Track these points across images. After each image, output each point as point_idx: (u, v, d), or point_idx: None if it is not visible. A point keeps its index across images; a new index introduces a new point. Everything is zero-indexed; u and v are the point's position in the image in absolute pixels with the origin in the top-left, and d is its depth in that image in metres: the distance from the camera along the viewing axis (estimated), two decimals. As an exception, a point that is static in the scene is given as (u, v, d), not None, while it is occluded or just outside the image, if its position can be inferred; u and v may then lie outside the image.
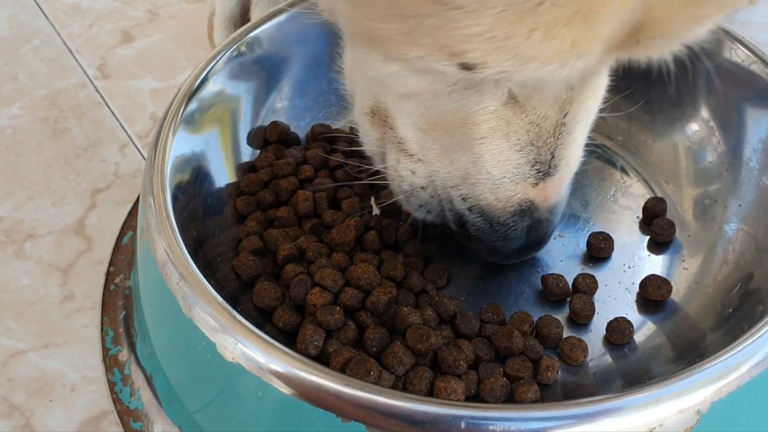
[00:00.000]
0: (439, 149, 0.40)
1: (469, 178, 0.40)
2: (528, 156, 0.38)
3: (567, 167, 0.40)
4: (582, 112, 0.38)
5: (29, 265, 0.55)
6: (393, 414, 0.36)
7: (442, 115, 0.38)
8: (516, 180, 0.39)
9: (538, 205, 0.40)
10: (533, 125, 0.38)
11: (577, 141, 0.40)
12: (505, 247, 0.42)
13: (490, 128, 0.38)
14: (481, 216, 0.41)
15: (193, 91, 0.50)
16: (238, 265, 0.46)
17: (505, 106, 0.37)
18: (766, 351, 0.38)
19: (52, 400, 0.48)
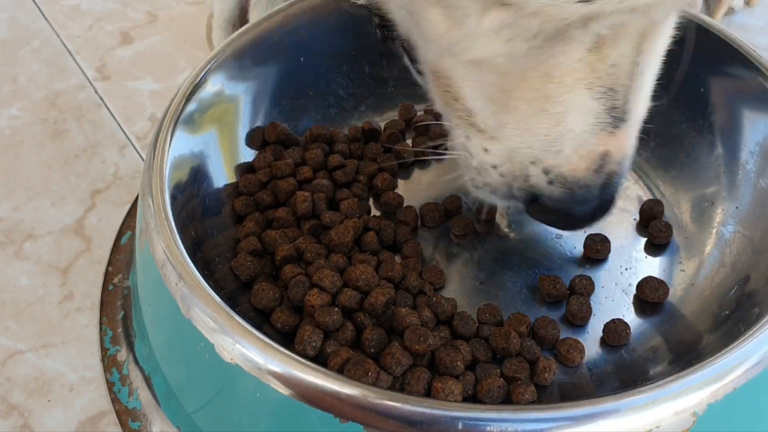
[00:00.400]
0: (517, 121, 0.38)
1: (551, 145, 0.38)
2: (606, 103, 0.37)
3: (637, 113, 0.39)
4: (654, 51, 0.38)
5: (28, 265, 0.55)
6: (391, 415, 0.36)
7: (521, 77, 0.37)
8: (595, 131, 0.38)
9: (613, 155, 0.39)
10: (613, 67, 0.37)
11: (646, 85, 0.38)
12: (581, 211, 0.41)
13: (576, 79, 0.37)
14: (563, 185, 0.39)
15: (192, 91, 0.50)
16: (236, 265, 0.46)
17: (590, 52, 0.36)
18: (761, 353, 0.39)
19: (50, 399, 0.48)
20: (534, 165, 0.39)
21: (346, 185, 0.53)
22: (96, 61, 0.70)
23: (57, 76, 0.69)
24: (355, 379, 0.39)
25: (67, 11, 0.75)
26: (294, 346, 0.42)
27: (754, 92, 0.51)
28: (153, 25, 0.74)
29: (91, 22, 0.74)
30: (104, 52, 0.71)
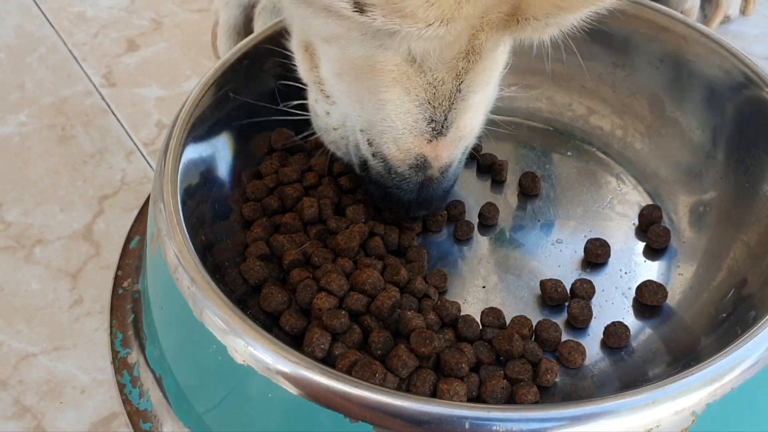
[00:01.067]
0: (350, 94, 0.44)
1: (375, 124, 0.44)
2: (425, 113, 0.42)
3: (458, 131, 0.43)
4: (477, 83, 0.42)
5: (39, 269, 0.56)
6: (399, 414, 0.37)
7: (354, 61, 0.42)
8: (414, 133, 0.43)
9: (431, 161, 0.44)
10: (430, 86, 0.42)
11: (472, 109, 0.43)
12: (398, 197, 0.46)
13: (393, 79, 0.42)
14: (383, 162, 0.45)
15: (201, 98, 0.51)
16: (245, 269, 0.47)
17: (406, 62, 0.41)
18: (758, 354, 0.40)
19: (62, 402, 0.49)
20: (362, 133, 0.45)
21: (351, 191, 0.54)
22: (102, 68, 0.71)
23: (63, 83, 0.70)
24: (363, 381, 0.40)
25: (73, 18, 0.76)
26: (303, 348, 0.43)
27: (749, 100, 0.52)
28: (158, 32, 0.75)
29: (96, 29, 0.75)
30: (110, 59, 0.72)
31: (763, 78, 0.51)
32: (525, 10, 0.38)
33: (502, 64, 0.45)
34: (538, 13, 0.38)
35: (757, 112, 0.52)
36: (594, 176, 0.57)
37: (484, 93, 0.44)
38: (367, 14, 0.36)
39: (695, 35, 0.55)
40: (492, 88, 0.45)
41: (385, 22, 0.36)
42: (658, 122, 0.57)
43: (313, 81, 0.47)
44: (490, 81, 0.44)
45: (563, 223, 0.54)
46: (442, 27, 0.36)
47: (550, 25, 0.39)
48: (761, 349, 0.40)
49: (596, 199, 0.56)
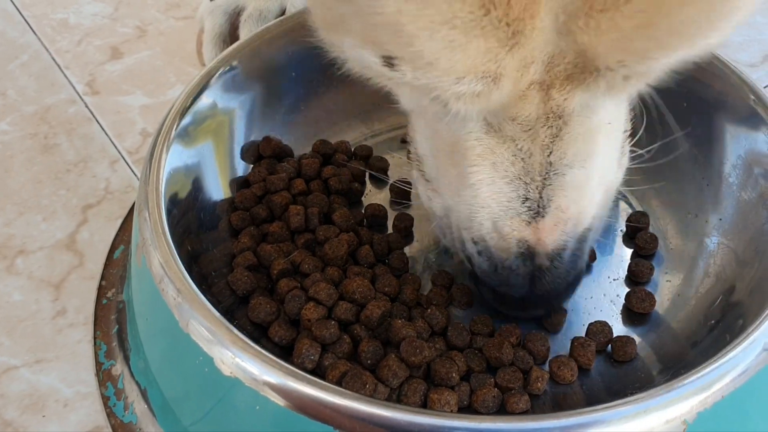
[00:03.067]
0: (447, 180, 0.41)
1: (474, 214, 0.40)
2: (518, 191, 0.38)
3: (559, 211, 0.39)
4: (572, 154, 0.37)
5: (21, 280, 0.55)
6: (388, 425, 0.37)
7: (442, 137, 0.39)
8: (510, 214, 0.39)
9: (535, 247, 0.40)
10: (517, 158, 0.37)
11: (573, 186, 0.38)
12: (509, 293, 0.42)
13: (478, 155, 0.38)
14: (488, 259, 0.41)
15: (187, 106, 0.51)
16: (233, 280, 0.47)
17: (487, 134, 0.38)
18: (748, 362, 0.40)
19: (45, 415, 0.48)
20: (466, 231, 0.41)
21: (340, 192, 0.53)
22: (86, 76, 0.70)
23: (47, 91, 0.69)
24: (353, 392, 0.39)
25: (56, 26, 0.76)
26: (292, 359, 0.43)
27: (734, 107, 0.53)
28: (142, 39, 0.74)
29: (80, 36, 0.75)
30: (94, 67, 0.71)
31: (748, 85, 0.52)
32: (594, 59, 0.32)
33: (608, 130, 0.39)
34: (609, 60, 0.32)
35: (742, 119, 0.52)
36: (582, 183, 0.57)
37: (585, 167, 0.38)
38: (396, 69, 0.32)
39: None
40: (599, 160, 0.39)
41: (415, 76, 0.32)
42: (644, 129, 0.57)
43: (413, 160, 0.43)
44: (590, 152, 0.38)
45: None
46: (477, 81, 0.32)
47: (631, 76, 0.33)
48: (751, 356, 0.40)
49: (584, 206, 0.56)
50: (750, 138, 0.52)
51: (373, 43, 0.33)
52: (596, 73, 0.33)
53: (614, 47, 0.32)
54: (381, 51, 0.32)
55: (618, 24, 0.31)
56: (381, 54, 0.33)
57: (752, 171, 0.51)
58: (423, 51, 0.31)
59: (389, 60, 0.32)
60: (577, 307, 0.50)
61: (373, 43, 0.33)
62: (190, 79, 0.53)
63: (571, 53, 0.33)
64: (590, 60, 0.33)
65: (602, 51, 0.32)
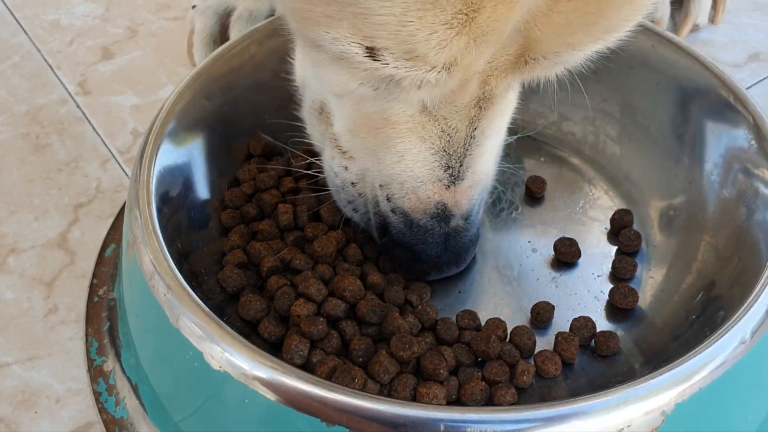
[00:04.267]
0: (367, 149, 0.45)
1: (394, 177, 0.44)
2: (441, 160, 0.43)
3: (474, 175, 0.44)
4: (490, 128, 0.43)
5: (13, 279, 0.56)
6: (375, 418, 0.37)
7: (368, 116, 0.43)
8: (432, 180, 0.43)
9: (452, 209, 0.45)
10: (444, 134, 0.42)
11: (486, 154, 0.44)
12: (425, 253, 0.46)
13: (408, 129, 0.42)
14: (403, 217, 0.45)
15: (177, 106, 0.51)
16: (222, 278, 0.47)
17: (420, 113, 0.42)
18: (725, 355, 0.41)
19: (37, 411, 0.49)
20: (381, 189, 0.45)
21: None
22: (77, 77, 0.71)
23: (38, 91, 0.70)
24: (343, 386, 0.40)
25: (47, 26, 0.76)
26: (282, 355, 0.43)
27: (716, 106, 0.54)
28: (133, 40, 0.75)
29: (71, 37, 0.75)
30: (85, 68, 0.72)
31: (729, 85, 0.53)
32: (534, 50, 0.38)
33: (512, 108, 0.45)
34: (547, 51, 0.38)
35: (724, 118, 0.53)
36: (567, 182, 0.58)
37: (498, 137, 0.45)
38: (379, 58, 0.36)
39: (664, 43, 0.56)
40: (504, 132, 0.46)
41: (396, 66, 0.36)
42: (629, 128, 0.58)
43: (328, 139, 0.47)
44: (502, 126, 0.45)
45: (536, 228, 0.55)
46: (447, 72, 0.36)
47: (558, 63, 0.39)
48: (729, 349, 0.41)
49: (569, 204, 0.57)
50: (730, 136, 0.53)
51: (361, 36, 0.36)
52: (532, 61, 0.39)
53: (557, 41, 0.38)
54: (368, 42, 0.36)
55: (570, 22, 0.36)
56: (368, 44, 0.36)
57: (732, 168, 0.52)
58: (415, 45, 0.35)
59: (373, 51, 0.36)
60: (561, 303, 0.51)
61: (361, 36, 0.36)
62: (181, 79, 0.53)
63: (515, 46, 0.38)
64: (530, 51, 0.38)
65: (545, 45, 0.38)
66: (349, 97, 0.43)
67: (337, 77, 0.41)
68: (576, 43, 0.38)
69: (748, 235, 0.49)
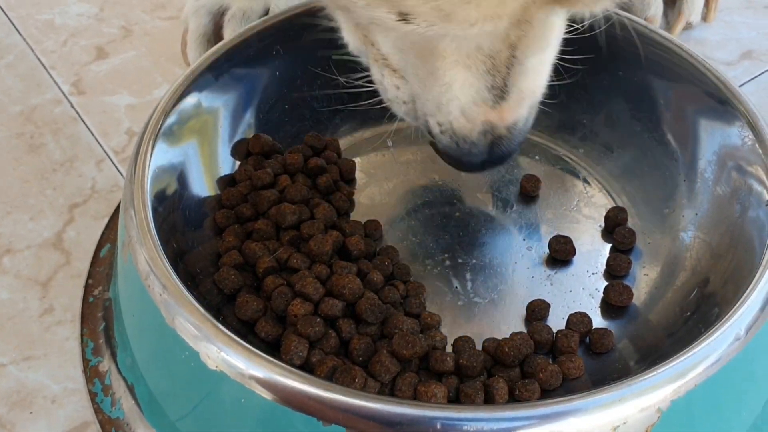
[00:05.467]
0: (416, 73, 0.45)
1: (442, 107, 0.45)
2: (486, 82, 0.44)
3: (520, 93, 0.45)
4: (533, 48, 0.43)
5: (8, 279, 0.56)
6: (371, 416, 0.37)
7: (416, 43, 0.44)
8: (478, 102, 0.44)
9: (497, 124, 0.46)
10: (488, 58, 0.43)
11: (531, 72, 0.44)
12: (470, 161, 0.47)
13: (455, 61, 0.43)
14: (451, 137, 0.47)
15: (172, 105, 0.51)
16: (219, 279, 0.47)
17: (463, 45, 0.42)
18: (720, 352, 0.41)
19: (33, 412, 0.49)
20: (431, 117, 0.47)
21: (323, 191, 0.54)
22: (71, 76, 0.71)
23: (32, 91, 0.70)
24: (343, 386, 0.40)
25: (41, 26, 0.76)
26: (281, 356, 0.43)
27: (709, 104, 0.54)
28: (128, 39, 0.75)
29: (65, 37, 0.75)
30: (79, 67, 0.72)
31: (723, 82, 0.53)
32: None
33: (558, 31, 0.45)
34: None
35: (717, 116, 0.53)
36: (561, 180, 0.58)
37: (542, 56, 0.45)
38: (412, 23, 0.37)
39: (657, 41, 0.56)
40: (552, 50, 0.46)
41: (431, 28, 0.36)
42: (623, 126, 0.59)
43: (373, 58, 0.48)
44: (546, 45, 0.44)
45: (531, 226, 0.55)
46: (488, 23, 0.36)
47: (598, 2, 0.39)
48: (723, 346, 0.41)
49: (563, 202, 0.57)
50: (724, 133, 0.53)
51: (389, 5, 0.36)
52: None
53: None
54: (398, 8, 0.36)
55: None
56: (398, 11, 0.36)
57: (726, 166, 0.52)
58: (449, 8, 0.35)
59: (405, 16, 0.36)
60: (556, 300, 0.51)
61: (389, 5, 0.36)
62: (176, 78, 0.53)
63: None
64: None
65: None
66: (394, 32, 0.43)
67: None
68: None
69: (742, 232, 0.49)
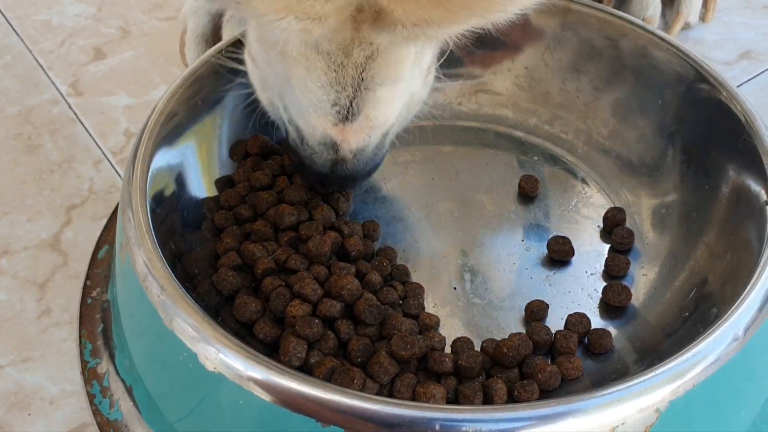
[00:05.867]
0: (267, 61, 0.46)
1: (285, 96, 0.46)
2: (328, 95, 0.43)
3: (366, 120, 0.44)
4: (383, 76, 0.42)
5: (5, 280, 0.56)
6: (370, 417, 0.37)
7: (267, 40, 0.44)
8: (318, 113, 0.43)
9: (339, 144, 0.45)
10: (330, 69, 0.42)
11: (382, 101, 0.43)
12: (312, 168, 0.47)
13: (295, 58, 0.42)
14: (296, 132, 0.47)
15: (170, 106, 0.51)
16: (218, 280, 0.47)
17: (306, 44, 0.42)
18: (719, 352, 0.41)
19: (31, 413, 0.49)
20: (280, 98, 0.47)
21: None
22: (69, 77, 0.71)
23: (30, 92, 0.69)
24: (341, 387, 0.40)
25: (39, 26, 0.76)
26: (280, 357, 0.43)
27: (707, 104, 0.54)
28: (126, 40, 0.75)
29: (63, 37, 0.75)
30: (77, 68, 0.72)
31: (721, 82, 0.53)
32: (392, 17, 0.37)
33: (412, 60, 0.44)
34: (406, 22, 0.37)
35: (715, 116, 0.53)
36: (559, 180, 0.58)
37: (393, 87, 0.43)
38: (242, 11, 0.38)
39: (656, 41, 0.56)
40: (405, 83, 0.44)
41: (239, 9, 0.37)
42: (621, 126, 0.59)
43: (246, 51, 0.50)
44: (398, 77, 0.43)
45: (529, 227, 0.55)
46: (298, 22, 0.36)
47: (420, 36, 0.38)
48: (722, 345, 0.41)
49: (562, 202, 0.57)
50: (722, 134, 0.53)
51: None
52: (395, 26, 0.38)
53: (411, 14, 0.37)
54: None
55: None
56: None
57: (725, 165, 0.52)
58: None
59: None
60: (555, 301, 0.51)
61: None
62: (174, 79, 0.53)
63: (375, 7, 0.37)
64: (389, 17, 0.37)
65: (399, 15, 0.37)
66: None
67: None
68: (434, 19, 0.37)
69: (741, 232, 0.49)
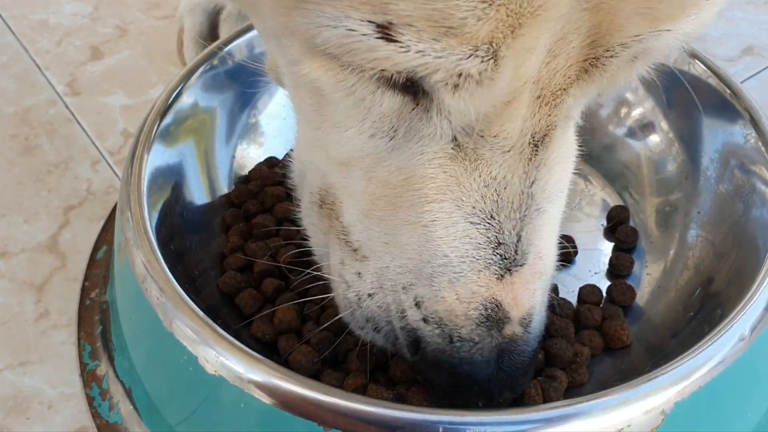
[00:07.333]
0: (385, 233, 0.33)
1: (422, 268, 0.32)
2: (488, 233, 0.30)
3: (539, 259, 0.31)
4: (552, 185, 0.31)
5: (3, 283, 0.55)
6: (373, 421, 0.37)
7: (386, 180, 0.32)
8: (477, 267, 0.30)
9: (508, 310, 0.32)
10: (490, 190, 0.30)
11: (548, 225, 0.32)
12: (471, 375, 0.33)
13: (438, 187, 0.31)
14: (439, 327, 0.32)
15: (168, 106, 0.51)
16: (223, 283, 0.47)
17: (454, 160, 0.31)
18: (724, 353, 0.40)
19: (29, 417, 0.48)
20: (406, 292, 0.33)
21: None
22: (66, 77, 0.70)
23: (27, 92, 0.69)
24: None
25: (35, 26, 0.75)
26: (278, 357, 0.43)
27: (712, 102, 0.53)
28: (123, 39, 0.74)
29: (59, 37, 0.74)
30: (74, 68, 0.71)
31: (725, 79, 0.52)
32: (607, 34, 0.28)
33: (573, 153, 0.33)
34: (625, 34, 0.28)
35: (719, 113, 0.53)
36: (562, 178, 0.58)
37: (560, 199, 0.32)
38: (398, 38, 0.26)
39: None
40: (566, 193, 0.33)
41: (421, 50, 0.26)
42: (625, 124, 0.58)
43: (335, 238, 0.36)
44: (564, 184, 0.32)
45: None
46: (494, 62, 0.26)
47: (638, 58, 0.30)
48: (727, 347, 0.40)
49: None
50: (726, 131, 0.52)
51: (372, 6, 0.26)
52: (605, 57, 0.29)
53: (637, 13, 0.28)
54: (382, 16, 0.26)
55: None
56: (382, 20, 0.26)
57: (729, 164, 0.51)
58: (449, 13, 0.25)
59: (387, 29, 0.26)
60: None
61: (372, 6, 0.26)
62: (171, 78, 0.53)
63: (580, 35, 0.28)
64: (603, 37, 0.28)
65: (622, 20, 0.28)
66: (359, 163, 0.32)
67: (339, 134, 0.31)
68: (662, 16, 0.28)
69: (745, 231, 0.48)
